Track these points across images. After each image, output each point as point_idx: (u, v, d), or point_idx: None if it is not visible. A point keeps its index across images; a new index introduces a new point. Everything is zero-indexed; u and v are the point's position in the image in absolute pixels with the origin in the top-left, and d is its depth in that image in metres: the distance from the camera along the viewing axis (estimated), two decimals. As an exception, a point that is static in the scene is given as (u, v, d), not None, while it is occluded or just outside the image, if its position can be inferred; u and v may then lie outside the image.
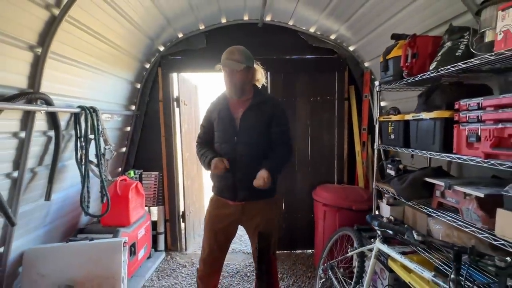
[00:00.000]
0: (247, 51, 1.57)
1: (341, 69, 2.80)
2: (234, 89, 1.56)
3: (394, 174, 1.92)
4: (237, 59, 1.51)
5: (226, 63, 1.51)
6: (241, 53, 1.54)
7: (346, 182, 2.86)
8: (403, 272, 1.46)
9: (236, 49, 1.55)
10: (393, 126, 1.84)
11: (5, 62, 1.36)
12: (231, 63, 1.50)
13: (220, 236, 1.65)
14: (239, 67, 1.50)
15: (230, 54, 1.53)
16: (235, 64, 1.50)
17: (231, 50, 1.54)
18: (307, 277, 2.46)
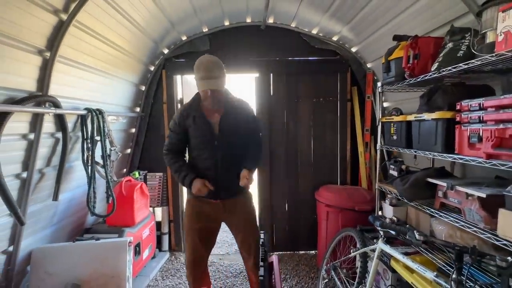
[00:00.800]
0: (219, 60, 1.52)
1: (343, 70, 2.81)
2: (217, 104, 1.56)
3: (397, 175, 1.92)
4: (217, 75, 1.47)
5: (210, 84, 1.46)
6: (218, 66, 1.49)
7: (349, 183, 2.86)
8: (406, 272, 1.46)
9: (212, 63, 1.48)
10: (396, 127, 1.85)
11: (15, 66, 1.40)
12: (215, 83, 1.47)
13: (203, 233, 1.67)
14: (222, 85, 1.51)
15: (208, 71, 1.46)
16: (218, 83, 1.48)
17: (207, 67, 1.47)
18: (310, 277, 2.46)
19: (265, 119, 2.85)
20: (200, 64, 1.48)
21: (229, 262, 2.76)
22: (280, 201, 2.92)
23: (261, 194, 2.92)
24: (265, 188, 2.90)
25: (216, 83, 1.47)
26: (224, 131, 1.59)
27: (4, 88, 1.37)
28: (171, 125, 1.66)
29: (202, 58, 1.50)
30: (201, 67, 1.47)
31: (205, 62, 1.48)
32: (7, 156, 1.44)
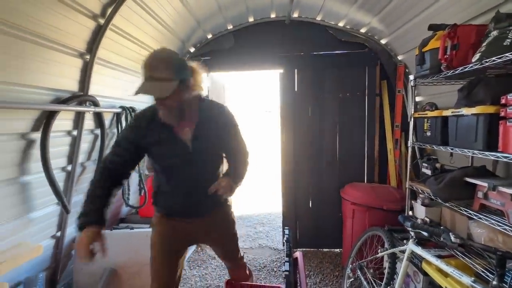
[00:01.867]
0: (175, 56, 1.12)
1: (372, 63, 2.69)
2: (171, 117, 1.15)
3: (430, 173, 1.82)
4: (165, 76, 1.04)
5: (149, 88, 1.05)
6: (168, 63, 1.06)
7: (377, 181, 2.75)
8: (439, 276, 1.39)
9: (159, 59, 1.07)
10: (430, 123, 1.74)
11: (60, 69, 1.54)
12: (156, 87, 1.05)
13: (172, 256, 1.36)
14: (167, 91, 1.04)
15: (152, 69, 1.04)
16: (161, 88, 1.04)
17: (152, 64, 1.05)
18: (335, 276, 2.43)
19: (290, 116, 2.83)
20: (145, 59, 1.07)
21: (253, 256, 2.81)
22: (304, 198, 2.90)
23: (285, 190, 2.92)
24: (289, 184, 2.89)
25: (158, 88, 1.04)
26: (199, 149, 1.22)
27: (52, 89, 1.51)
28: (120, 138, 1.23)
29: (152, 53, 1.10)
30: (144, 64, 1.07)
31: (151, 57, 1.07)
32: (55, 151, 1.59)
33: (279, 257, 2.79)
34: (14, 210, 1.46)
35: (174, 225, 1.31)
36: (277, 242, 3.12)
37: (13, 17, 1.20)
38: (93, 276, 1.86)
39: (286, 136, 2.86)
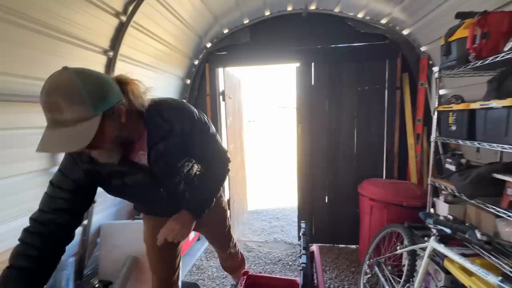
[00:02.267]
0: (86, 77, 0.74)
1: (393, 55, 2.59)
2: (113, 155, 0.87)
3: (454, 169, 1.75)
4: (73, 116, 0.70)
5: (54, 142, 0.71)
6: (76, 96, 0.70)
7: (396, 177, 2.68)
8: (463, 274, 1.34)
9: (60, 91, 0.70)
10: (455, 116, 1.67)
11: (86, 65, 1.60)
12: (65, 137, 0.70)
13: (164, 252, 1.32)
14: (84, 142, 0.71)
15: (51, 109, 0.70)
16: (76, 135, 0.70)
17: (50, 101, 0.69)
18: (351, 271, 2.41)
19: (306, 110, 2.80)
20: (42, 99, 0.71)
21: (268, 250, 2.84)
22: (320, 193, 2.88)
23: (300, 185, 2.91)
24: (305, 179, 2.88)
25: (71, 137, 0.70)
26: (165, 169, 1.02)
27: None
28: (57, 180, 0.91)
29: (47, 81, 0.72)
30: (40, 99, 0.71)
31: (44, 90, 0.70)
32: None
33: (294, 251, 2.80)
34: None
35: (161, 220, 1.11)
36: (292, 236, 3.13)
37: (43, 16, 1.27)
38: (117, 262, 1.96)
39: (302, 131, 2.84)
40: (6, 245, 1.34)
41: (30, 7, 1.21)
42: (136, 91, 0.88)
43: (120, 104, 0.81)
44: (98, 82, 0.76)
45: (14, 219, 1.40)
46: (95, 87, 0.75)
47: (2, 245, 1.33)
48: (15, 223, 1.40)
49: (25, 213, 1.42)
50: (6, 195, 1.37)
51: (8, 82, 1.24)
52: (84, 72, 0.75)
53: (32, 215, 0.90)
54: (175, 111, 1.00)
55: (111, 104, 0.78)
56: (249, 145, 5.34)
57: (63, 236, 0.92)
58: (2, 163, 1.32)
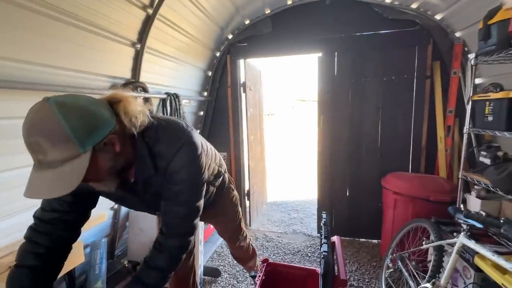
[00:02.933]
0: (75, 108, 0.65)
1: (423, 42, 2.44)
2: (103, 186, 0.79)
3: (489, 163, 1.64)
4: (58, 157, 0.62)
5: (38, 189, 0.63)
6: (59, 135, 0.62)
7: (423, 171, 2.56)
8: (496, 272, 1.28)
9: (40, 130, 0.62)
10: (493, 106, 1.56)
11: (116, 57, 1.70)
12: (49, 182, 0.63)
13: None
14: (74, 183, 0.64)
15: (34, 150, 0.62)
16: (62, 180, 0.63)
17: (31, 142, 0.62)
18: (372, 266, 2.37)
19: (328, 101, 2.74)
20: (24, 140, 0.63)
21: (287, 241, 2.86)
22: (341, 186, 2.83)
23: (321, 177, 2.88)
24: (326, 171, 2.84)
25: (55, 182, 0.63)
26: (153, 201, 0.93)
27: (109, 76, 1.68)
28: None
29: (26, 118, 0.63)
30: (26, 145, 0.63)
31: (25, 128, 0.63)
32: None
33: (313, 243, 2.80)
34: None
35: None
36: (311, 229, 3.12)
37: (77, 10, 1.35)
38: (144, 245, 2.08)
39: (323, 123, 2.79)
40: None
41: (66, 2, 1.29)
42: (129, 110, 0.75)
43: (112, 132, 0.70)
44: (84, 114, 0.65)
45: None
46: (81, 121, 0.64)
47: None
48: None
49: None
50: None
51: (42, 73, 1.31)
52: (66, 105, 0.63)
53: (35, 213, 0.88)
54: (170, 146, 0.83)
55: (102, 136, 0.68)
56: (269, 137, 5.37)
57: (69, 233, 0.90)
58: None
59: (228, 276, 2.29)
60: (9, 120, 1.22)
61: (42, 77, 1.30)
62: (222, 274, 2.31)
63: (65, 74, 1.41)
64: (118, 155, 0.75)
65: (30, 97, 1.26)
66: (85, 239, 1.77)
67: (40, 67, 1.29)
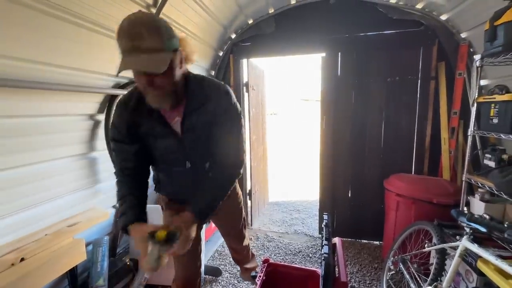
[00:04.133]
0: (161, 19, 0.86)
1: (428, 43, 2.42)
2: (164, 102, 0.94)
3: (494, 166, 1.62)
4: (155, 45, 0.81)
5: (135, 63, 0.81)
6: (157, 29, 0.82)
7: (426, 173, 2.54)
8: (499, 277, 1.26)
9: (143, 24, 0.80)
10: (498, 108, 1.54)
11: (116, 58, 1.69)
12: (146, 61, 0.80)
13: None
14: (163, 65, 0.83)
15: (136, 38, 0.79)
16: (154, 61, 0.81)
17: (134, 31, 0.79)
18: (373, 267, 2.36)
19: (331, 102, 2.73)
20: (120, 28, 0.81)
21: (288, 241, 2.86)
22: (343, 187, 2.82)
23: (323, 178, 2.87)
24: (328, 172, 2.83)
25: (150, 62, 0.81)
26: (193, 142, 1.05)
27: (112, 75, 1.69)
28: (113, 134, 1.06)
29: (129, 17, 0.81)
30: (122, 32, 0.80)
31: (129, 23, 0.80)
32: (115, 131, 1.79)
33: (315, 243, 2.79)
34: (86, 181, 1.71)
35: (180, 207, 1.15)
36: (312, 229, 3.12)
37: (78, 8, 1.35)
38: (146, 243, 2.09)
39: (326, 123, 2.77)
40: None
41: (68, 0, 1.29)
42: (189, 51, 0.96)
43: (180, 51, 0.92)
44: (169, 25, 0.87)
45: (51, 200, 1.51)
46: (168, 27, 0.86)
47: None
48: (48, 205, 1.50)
49: (62, 195, 1.55)
50: (48, 177, 1.48)
51: (41, 71, 1.30)
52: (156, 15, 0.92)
53: (115, 171, 1.10)
54: (216, 88, 1.04)
55: (176, 46, 0.89)
56: (271, 137, 5.38)
57: (142, 172, 1.11)
58: (45, 147, 1.43)
59: (228, 275, 2.30)
60: (10, 119, 1.23)
61: (41, 75, 1.31)
62: (223, 273, 2.32)
63: (66, 72, 1.42)
64: (178, 73, 0.93)
65: (30, 96, 1.27)
66: (87, 237, 1.78)
67: (40, 66, 1.29)
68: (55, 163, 1.50)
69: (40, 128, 1.37)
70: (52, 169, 1.49)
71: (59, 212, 1.57)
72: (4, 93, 1.18)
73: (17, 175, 1.33)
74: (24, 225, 1.46)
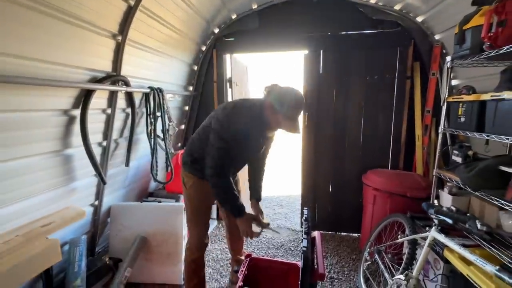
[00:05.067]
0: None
1: (404, 43, 2.52)
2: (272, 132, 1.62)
3: (461, 161, 1.73)
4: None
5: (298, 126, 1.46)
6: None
7: (402, 169, 2.67)
8: (461, 264, 1.37)
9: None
10: (465, 108, 1.64)
11: (95, 49, 1.63)
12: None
13: (209, 208, 1.76)
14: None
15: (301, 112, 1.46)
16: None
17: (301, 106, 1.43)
18: (351, 259, 2.47)
19: (313, 99, 2.78)
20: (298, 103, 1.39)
21: (271, 236, 2.91)
22: (324, 182, 2.91)
23: (305, 174, 2.94)
24: (309, 168, 2.90)
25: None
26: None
27: (88, 69, 1.62)
28: (228, 138, 1.40)
29: (298, 94, 1.40)
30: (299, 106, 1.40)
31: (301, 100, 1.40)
32: (92, 127, 1.72)
33: (297, 237, 2.86)
34: (61, 179, 1.64)
35: (206, 184, 1.50)
36: (295, 223, 3.19)
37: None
38: (126, 241, 2.05)
39: (308, 120, 2.83)
40: (20, 223, 1.42)
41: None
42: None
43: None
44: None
45: (24, 199, 1.46)
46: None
47: (17, 222, 1.41)
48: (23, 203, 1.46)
49: (35, 194, 1.50)
50: (20, 175, 1.42)
51: (14, 64, 1.23)
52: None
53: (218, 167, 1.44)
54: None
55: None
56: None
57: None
58: (16, 144, 1.36)
59: (212, 271, 2.31)
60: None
61: (12, 68, 1.23)
62: (206, 269, 2.33)
63: (41, 66, 1.34)
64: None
65: (2, 90, 1.20)
66: (64, 236, 1.72)
67: (11, 58, 1.21)
68: (28, 161, 1.42)
69: (11, 124, 1.29)
70: (24, 167, 1.41)
71: (32, 212, 1.50)
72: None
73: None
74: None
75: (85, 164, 1.73)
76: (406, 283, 1.52)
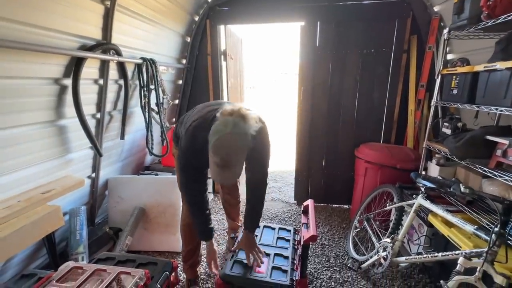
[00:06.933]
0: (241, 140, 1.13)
1: (403, 15, 2.47)
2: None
3: (450, 133, 1.79)
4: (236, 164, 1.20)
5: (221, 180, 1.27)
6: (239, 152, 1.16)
7: (393, 142, 2.74)
8: (443, 226, 1.47)
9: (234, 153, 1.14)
10: (458, 80, 1.67)
11: (83, 14, 1.55)
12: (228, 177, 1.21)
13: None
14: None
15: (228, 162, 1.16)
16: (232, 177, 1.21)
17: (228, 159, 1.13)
18: (342, 227, 2.60)
19: (309, 73, 2.75)
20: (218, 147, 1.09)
21: (266, 207, 2.99)
22: (318, 156, 2.97)
23: (299, 148, 2.99)
24: (304, 143, 2.95)
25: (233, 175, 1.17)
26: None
27: (77, 35, 1.55)
28: (185, 163, 1.36)
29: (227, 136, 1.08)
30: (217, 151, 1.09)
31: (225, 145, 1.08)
32: (85, 98, 1.67)
33: (290, 209, 2.98)
34: (55, 150, 1.63)
35: None
36: (288, 196, 3.30)
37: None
38: (125, 213, 2.10)
39: (304, 94, 2.82)
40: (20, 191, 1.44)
41: None
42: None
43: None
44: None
45: (20, 169, 1.46)
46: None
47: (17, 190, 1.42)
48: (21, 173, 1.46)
49: (31, 164, 1.50)
50: (14, 145, 1.39)
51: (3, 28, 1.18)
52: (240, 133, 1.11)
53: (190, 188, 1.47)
54: None
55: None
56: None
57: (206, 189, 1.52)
58: (6, 112, 1.33)
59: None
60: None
61: (1, 32, 1.17)
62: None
63: (26, 30, 1.28)
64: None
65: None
66: (63, 206, 1.74)
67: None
68: (20, 130, 1.40)
69: (1, 91, 1.26)
70: (17, 136, 1.39)
71: (30, 181, 1.51)
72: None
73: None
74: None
75: (80, 135, 1.72)
76: (392, 245, 1.64)
